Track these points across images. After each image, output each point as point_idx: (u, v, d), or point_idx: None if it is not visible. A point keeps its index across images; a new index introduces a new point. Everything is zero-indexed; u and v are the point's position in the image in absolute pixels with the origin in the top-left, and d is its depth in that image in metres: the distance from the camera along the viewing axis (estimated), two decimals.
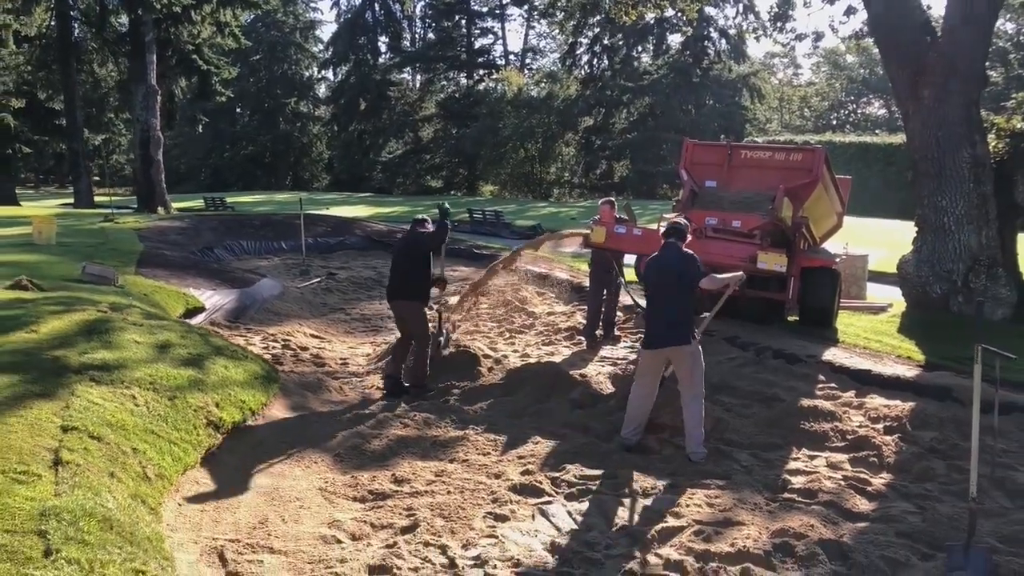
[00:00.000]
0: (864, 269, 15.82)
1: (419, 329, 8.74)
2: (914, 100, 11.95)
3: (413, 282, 8.66)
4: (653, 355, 6.92)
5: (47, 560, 3.66)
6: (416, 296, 8.69)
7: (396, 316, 8.99)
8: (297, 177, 67.23)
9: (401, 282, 8.71)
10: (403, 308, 8.71)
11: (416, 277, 8.69)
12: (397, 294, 8.73)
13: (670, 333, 6.78)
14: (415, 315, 8.69)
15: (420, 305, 8.75)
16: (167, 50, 32.28)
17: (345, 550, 4.93)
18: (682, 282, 6.78)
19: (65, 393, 5.65)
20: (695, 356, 6.83)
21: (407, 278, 8.68)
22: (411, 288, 8.66)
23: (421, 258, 8.76)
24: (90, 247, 14.34)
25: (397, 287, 8.73)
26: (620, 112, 53.59)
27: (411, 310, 8.68)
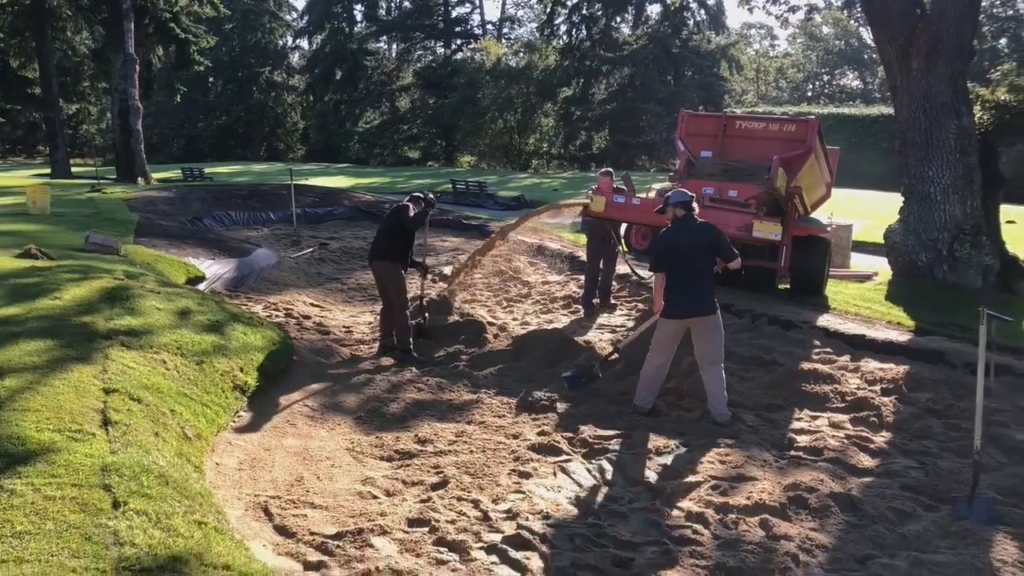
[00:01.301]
0: (849, 239, 16.19)
1: (394, 288, 8.93)
2: (903, 72, 12.19)
3: (392, 247, 8.93)
4: (675, 324, 7.06)
5: (117, 511, 3.84)
6: (392, 257, 8.93)
7: (376, 279, 9.23)
8: (272, 148, 66.66)
9: (381, 246, 8.98)
10: (380, 267, 8.96)
11: (393, 243, 8.95)
12: (375, 255, 9.00)
13: (696, 304, 6.94)
14: (391, 275, 8.91)
15: (397, 266, 8.97)
16: (144, 18, 31.82)
17: (383, 505, 5.14)
18: (710, 254, 6.97)
19: (100, 357, 5.79)
20: (717, 324, 7.03)
21: (387, 242, 8.96)
22: (388, 251, 8.92)
23: (403, 232, 8.98)
24: (85, 217, 14.31)
25: (377, 250, 9.01)
26: (599, 83, 53.57)
27: (387, 269, 8.92)
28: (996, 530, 5.03)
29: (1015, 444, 6.46)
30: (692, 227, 7.10)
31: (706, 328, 7.02)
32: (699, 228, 7.10)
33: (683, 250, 7.03)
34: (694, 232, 7.07)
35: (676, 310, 7.04)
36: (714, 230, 7.10)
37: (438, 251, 16.21)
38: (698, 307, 6.96)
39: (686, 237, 7.06)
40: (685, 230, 7.11)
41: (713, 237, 7.03)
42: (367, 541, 4.55)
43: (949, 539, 4.97)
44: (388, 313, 8.97)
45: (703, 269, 6.98)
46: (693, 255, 6.98)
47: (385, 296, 9.00)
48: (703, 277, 6.98)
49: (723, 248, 7.03)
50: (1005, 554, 4.73)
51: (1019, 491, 5.68)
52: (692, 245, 7.01)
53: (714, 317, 7.00)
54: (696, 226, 7.12)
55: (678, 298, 7.03)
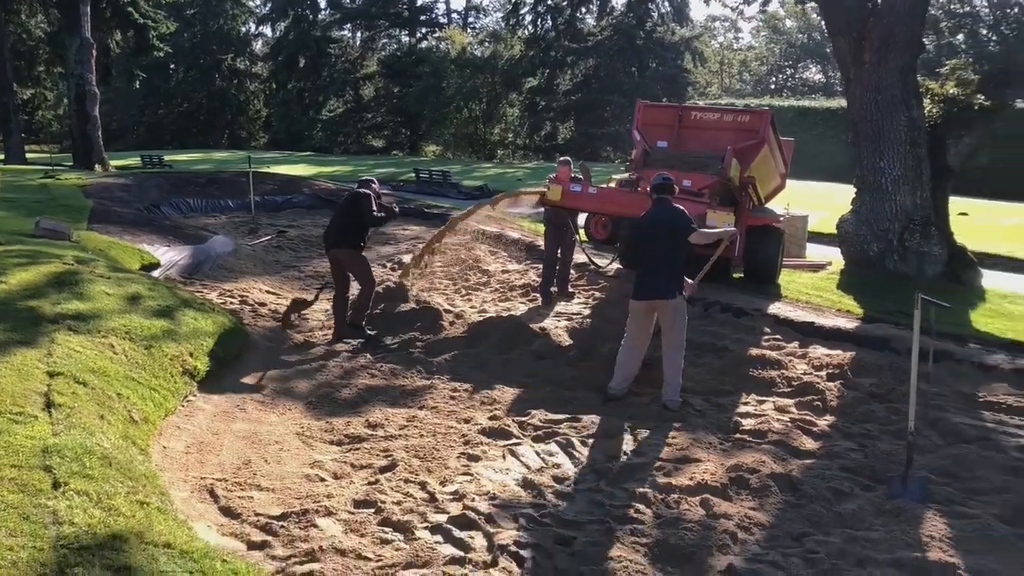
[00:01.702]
0: (804, 229, 16.40)
1: (359, 271, 9.01)
2: (855, 65, 12.40)
3: (348, 231, 8.96)
4: (640, 306, 7.18)
5: (57, 492, 3.85)
6: (351, 244, 8.96)
7: (333, 267, 9.22)
8: (234, 135, 65.83)
9: (337, 233, 8.99)
10: (340, 255, 8.98)
11: (353, 230, 8.97)
12: (332, 243, 9.00)
13: (657, 286, 7.04)
14: (353, 259, 8.96)
15: (356, 251, 9.01)
16: (101, 2, 31.28)
17: (329, 487, 5.18)
18: (674, 236, 7.01)
19: (45, 341, 5.76)
20: (679, 310, 7.10)
21: (344, 230, 8.97)
22: (346, 236, 8.95)
23: (360, 220, 9.01)
24: (37, 203, 14.11)
25: (334, 236, 9.00)
26: (564, 73, 53.62)
27: (348, 255, 8.96)
28: (928, 508, 5.20)
29: (952, 427, 6.65)
30: (663, 210, 7.20)
31: (667, 313, 7.12)
32: (669, 211, 7.18)
33: (651, 232, 7.14)
34: (665, 215, 7.17)
35: (639, 291, 7.18)
36: (681, 214, 7.17)
37: (399, 239, 16.22)
38: (660, 288, 7.05)
39: (657, 219, 7.17)
40: (658, 213, 7.21)
41: (676, 220, 7.10)
42: (312, 522, 4.60)
43: (883, 517, 5.13)
44: (342, 300, 8.98)
45: (667, 253, 7.05)
46: (658, 237, 7.07)
47: (340, 282, 9.01)
48: (667, 261, 7.06)
49: (682, 226, 7.05)
50: (934, 530, 4.90)
51: (952, 471, 5.86)
52: (659, 227, 7.10)
53: (675, 302, 7.06)
54: (667, 209, 7.20)
55: (642, 280, 7.17)
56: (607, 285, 11.58)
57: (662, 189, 7.33)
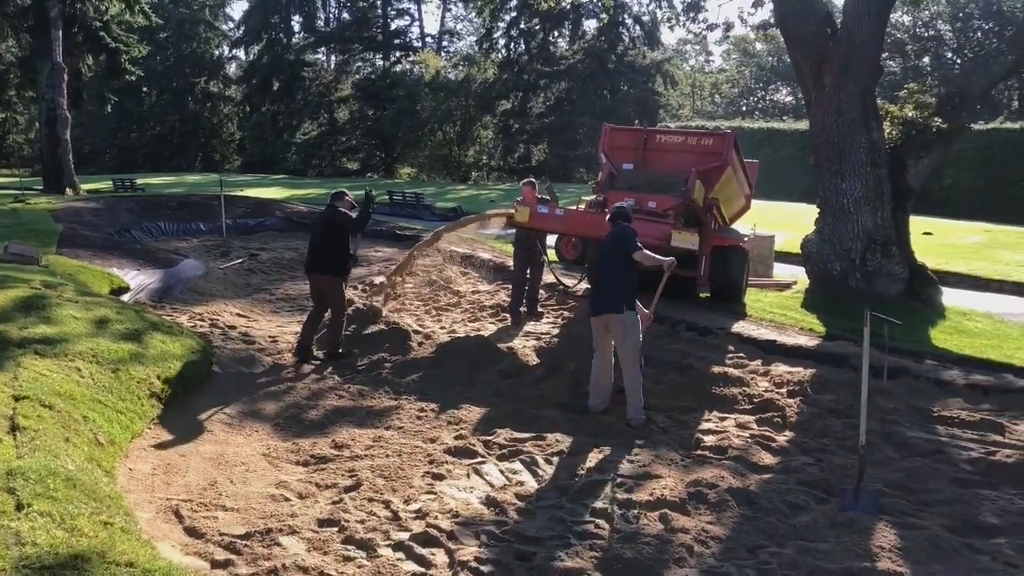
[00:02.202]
0: (771, 249, 16.66)
1: (336, 301, 9.15)
2: (816, 88, 12.70)
3: (332, 257, 9.05)
4: (594, 322, 7.46)
5: (20, 513, 3.90)
6: (335, 271, 9.08)
7: (313, 288, 9.37)
8: (207, 158, 65.60)
9: (321, 257, 9.09)
10: (321, 281, 9.11)
11: (335, 252, 9.08)
12: (316, 268, 9.11)
13: (604, 301, 7.32)
14: (333, 288, 9.09)
15: (339, 280, 9.12)
16: (73, 26, 31.21)
17: (294, 507, 5.25)
18: (615, 253, 7.28)
19: (11, 365, 5.80)
20: (626, 325, 7.26)
21: (326, 253, 9.07)
22: (330, 263, 9.05)
23: (341, 236, 9.11)
24: (5, 227, 14.07)
25: (316, 262, 9.11)
26: (537, 96, 54.06)
27: (330, 284, 9.09)
28: (880, 519, 5.36)
29: (905, 441, 6.83)
30: (612, 232, 7.46)
31: (615, 328, 7.31)
32: (615, 232, 7.43)
33: (599, 250, 7.52)
34: (611, 235, 7.45)
35: (591, 307, 7.52)
36: (622, 231, 7.39)
37: (371, 261, 16.26)
38: (606, 303, 7.31)
39: (605, 239, 7.49)
40: (607, 235, 7.52)
41: (618, 237, 7.35)
42: (275, 540, 4.67)
43: (836, 529, 5.27)
44: (316, 318, 9.09)
45: (614, 271, 7.30)
46: (604, 255, 7.40)
47: (319, 304, 9.10)
48: (612, 275, 7.31)
49: (624, 244, 7.28)
50: (885, 541, 5.05)
51: (905, 484, 6.03)
52: (605, 246, 7.44)
53: (621, 316, 7.24)
54: (616, 231, 7.45)
55: (593, 296, 7.55)
56: (576, 305, 11.72)
57: (617, 216, 7.59)
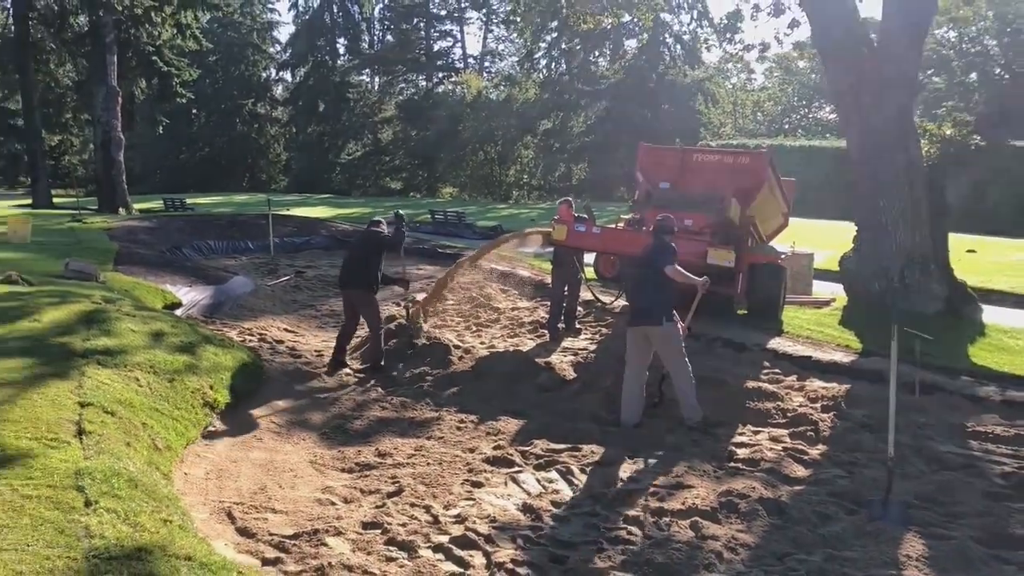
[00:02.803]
0: (810, 267, 16.67)
1: (371, 315, 9.53)
2: (853, 107, 12.78)
3: (364, 273, 9.46)
4: (632, 332, 7.71)
5: (88, 509, 4.21)
6: (366, 285, 9.46)
7: (345, 303, 9.79)
8: (254, 178, 66.89)
9: (354, 273, 9.51)
10: (354, 296, 9.52)
11: (368, 269, 9.48)
12: (349, 283, 9.53)
13: (643, 314, 7.57)
14: (366, 302, 9.48)
15: (370, 293, 9.51)
16: (127, 51, 32.30)
17: (339, 510, 5.51)
18: (652, 268, 7.51)
19: (76, 374, 6.16)
20: (667, 336, 7.51)
21: (360, 269, 9.49)
22: (362, 278, 9.46)
23: (375, 254, 9.54)
24: (65, 246, 14.66)
25: (350, 277, 9.54)
26: (578, 115, 54.42)
27: (361, 298, 9.49)
28: (908, 530, 5.46)
29: (937, 455, 6.91)
30: (651, 246, 7.73)
31: (656, 340, 7.56)
32: (654, 246, 7.70)
33: (638, 264, 7.79)
34: (649, 249, 7.72)
35: (631, 319, 7.79)
36: (660, 244, 7.60)
37: (413, 278, 16.58)
38: (646, 316, 7.55)
39: (644, 253, 7.77)
40: (647, 247, 7.81)
41: (656, 250, 7.59)
42: (322, 540, 4.92)
43: (863, 538, 5.38)
44: (348, 332, 9.42)
45: (649, 281, 7.54)
46: (642, 269, 7.65)
47: (351, 318, 9.43)
48: (649, 288, 7.54)
49: (659, 258, 7.52)
50: (912, 550, 5.16)
51: (935, 497, 6.11)
52: (643, 260, 7.70)
53: (662, 329, 7.48)
54: (653, 244, 7.72)
55: (633, 309, 7.82)
56: (613, 321, 11.90)
57: (660, 229, 7.79)
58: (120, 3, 28.14)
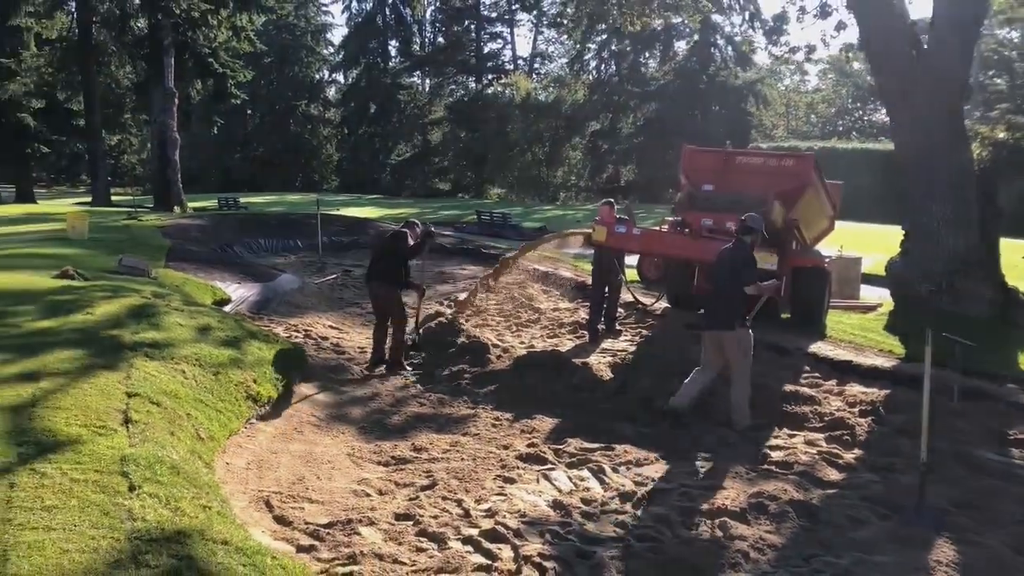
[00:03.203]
0: (857, 271, 16.46)
1: (395, 312, 9.73)
2: (903, 110, 12.62)
3: (387, 271, 9.68)
4: (704, 336, 7.87)
5: (132, 493, 4.40)
6: (389, 282, 9.68)
7: (372, 296, 10.01)
8: (307, 178, 67.81)
9: (377, 270, 9.76)
10: (378, 288, 9.73)
11: (391, 267, 9.69)
12: (374, 276, 9.77)
13: (714, 318, 7.73)
14: (390, 298, 9.70)
15: (394, 289, 9.74)
16: (184, 53, 33.08)
17: (374, 501, 5.66)
18: (733, 277, 7.60)
19: (125, 366, 6.40)
20: (735, 341, 7.61)
21: (382, 267, 9.74)
22: (384, 275, 9.68)
23: (397, 256, 9.75)
24: (120, 242, 15.10)
25: (375, 271, 9.78)
26: (627, 117, 54.26)
27: (386, 294, 9.70)
28: (940, 536, 5.43)
29: (977, 461, 6.84)
30: (732, 252, 7.78)
31: (724, 344, 7.68)
32: (735, 256, 7.73)
33: (716, 269, 7.86)
34: (729, 257, 7.75)
35: (703, 322, 7.99)
36: (744, 261, 7.67)
37: (456, 278, 16.77)
38: (716, 320, 7.70)
39: (724, 259, 7.80)
40: (727, 252, 7.84)
41: (738, 266, 7.63)
42: (355, 530, 5.07)
43: (895, 543, 5.37)
44: (382, 329, 9.61)
45: (725, 288, 7.65)
46: (720, 276, 7.74)
47: (382, 314, 9.64)
48: (725, 295, 7.65)
49: (743, 272, 7.61)
50: (942, 556, 5.14)
51: (972, 503, 6.07)
52: (722, 267, 7.75)
53: (731, 334, 7.59)
54: (734, 253, 7.76)
55: (705, 312, 8.01)
56: (653, 323, 11.93)
57: (743, 230, 7.85)
58: (178, 6, 28.81)
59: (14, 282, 9.17)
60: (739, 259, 7.65)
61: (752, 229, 7.80)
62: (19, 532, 3.82)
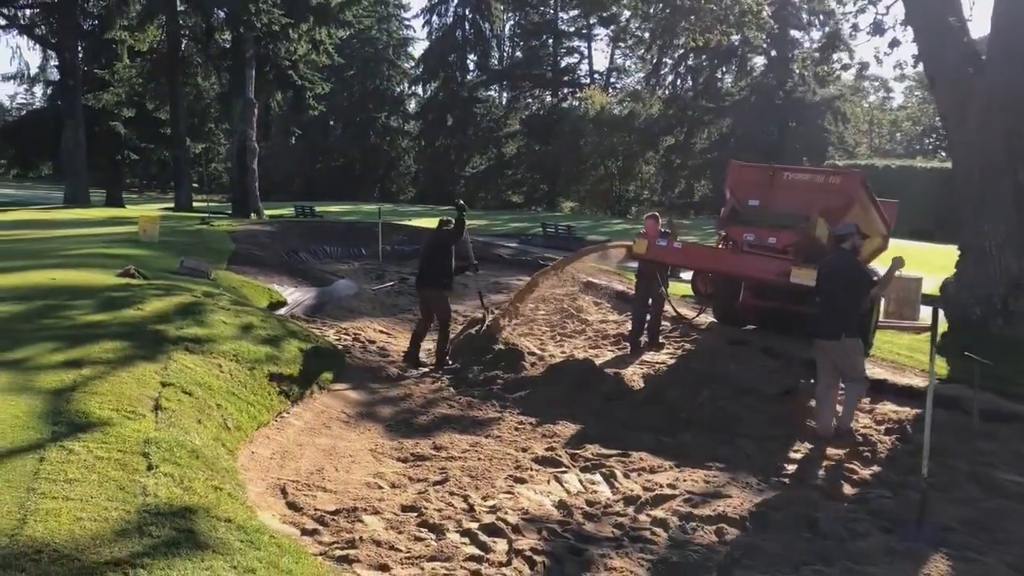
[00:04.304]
0: (918, 292, 16.16)
1: (442, 312, 10.30)
2: (958, 128, 12.44)
3: (438, 271, 10.25)
4: (816, 345, 7.99)
5: (149, 472, 4.76)
6: (439, 284, 10.25)
7: (421, 302, 10.60)
8: (385, 189, 69.28)
9: (428, 273, 10.34)
10: (429, 294, 10.30)
11: (440, 267, 10.25)
12: (425, 283, 10.35)
13: (825, 328, 7.82)
14: (439, 299, 10.26)
15: (443, 292, 10.27)
16: (265, 65, 34.31)
17: (384, 493, 5.95)
18: (847, 288, 7.73)
19: (164, 358, 6.84)
20: (845, 350, 7.74)
21: (432, 269, 10.30)
22: (435, 276, 10.25)
23: (444, 250, 10.30)
24: (188, 245, 15.84)
25: (425, 277, 10.36)
26: (701, 132, 54.00)
27: (435, 296, 10.28)
28: (939, 552, 5.44)
29: (995, 482, 6.77)
30: (842, 262, 7.91)
31: (835, 353, 7.80)
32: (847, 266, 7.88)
33: (828, 280, 7.91)
34: (843, 268, 7.87)
35: (812, 331, 8.08)
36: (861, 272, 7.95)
37: (511, 289, 17.02)
38: (827, 330, 7.80)
39: (836, 270, 7.89)
40: (837, 263, 7.95)
41: (854, 276, 7.82)
42: (359, 518, 5.35)
43: (890, 556, 5.40)
44: (423, 329, 10.21)
45: (840, 299, 7.75)
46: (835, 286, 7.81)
47: (426, 316, 10.00)
48: (838, 305, 7.76)
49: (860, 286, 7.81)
50: (934, 570, 5.16)
51: (981, 523, 6.03)
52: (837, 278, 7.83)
53: (839, 344, 7.71)
54: (845, 263, 7.90)
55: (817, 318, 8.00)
56: (698, 337, 11.98)
57: (838, 240, 8.11)
58: (259, 20, 29.92)
59: (80, 279, 9.81)
60: (855, 271, 7.84)
61: (844, 235, 8.05)
62: (40, 500, 4.21)
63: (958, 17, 12.37)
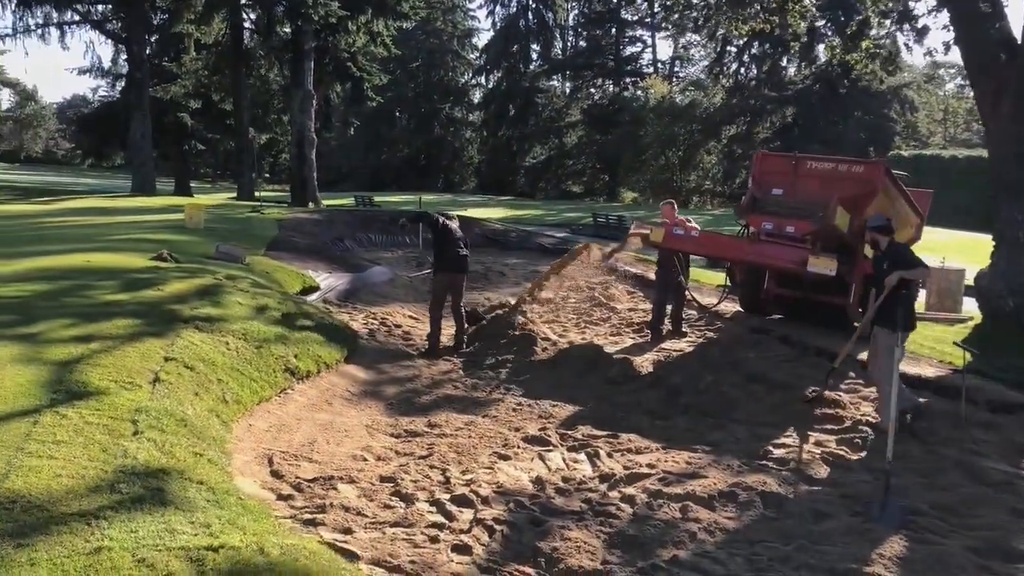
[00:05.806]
0: (959, 283, 15.83)
1: (461, 295, 10.99)
2: (993, 116, 12.18)
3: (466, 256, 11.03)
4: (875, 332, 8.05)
5: (134, 437, 5.14)
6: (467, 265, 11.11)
7: (453, 287, 10.92)
8: (448, 180, 69.97)
9: (465, 259, 10.99)
10: (460, 279, 10.96)
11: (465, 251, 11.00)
12: (462, 269, 10.99)
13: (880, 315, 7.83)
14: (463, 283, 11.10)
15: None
16: (324, 57, 35.05)
17: (367, 464, 6.25)
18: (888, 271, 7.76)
19: (172, 335, 7.26)
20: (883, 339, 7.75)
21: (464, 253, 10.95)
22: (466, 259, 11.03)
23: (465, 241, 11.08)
24: (232, 232, 16.42)
25: (464, 265, 11.00)
26: (764, 121, 53.20)
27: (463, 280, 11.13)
28: (899, 533, 5.51)
29: (978, 471, 6.75)
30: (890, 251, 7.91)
31: (877, 340, 7.87)
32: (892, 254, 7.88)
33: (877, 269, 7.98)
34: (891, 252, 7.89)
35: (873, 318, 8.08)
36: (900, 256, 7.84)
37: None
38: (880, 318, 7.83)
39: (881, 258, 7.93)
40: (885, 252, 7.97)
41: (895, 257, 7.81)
42: (334, 486, 5.66)
43: (850, 536, 5.49)
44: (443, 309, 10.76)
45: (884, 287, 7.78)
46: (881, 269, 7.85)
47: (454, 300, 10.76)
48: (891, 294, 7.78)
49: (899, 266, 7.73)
50: (889, 550, 5.23)
51: (954, 508, 6.05)
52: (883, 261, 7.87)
53: (883, 331, 7.74)
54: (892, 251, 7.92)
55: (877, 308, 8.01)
56: (721, 326, 12.02)
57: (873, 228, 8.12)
58: (316, 13, 30.58)
59: (112, 262, 10.36)
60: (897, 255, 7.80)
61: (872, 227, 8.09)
62: (26, 458, 4.61)
63: (991, 2, 12.09)
